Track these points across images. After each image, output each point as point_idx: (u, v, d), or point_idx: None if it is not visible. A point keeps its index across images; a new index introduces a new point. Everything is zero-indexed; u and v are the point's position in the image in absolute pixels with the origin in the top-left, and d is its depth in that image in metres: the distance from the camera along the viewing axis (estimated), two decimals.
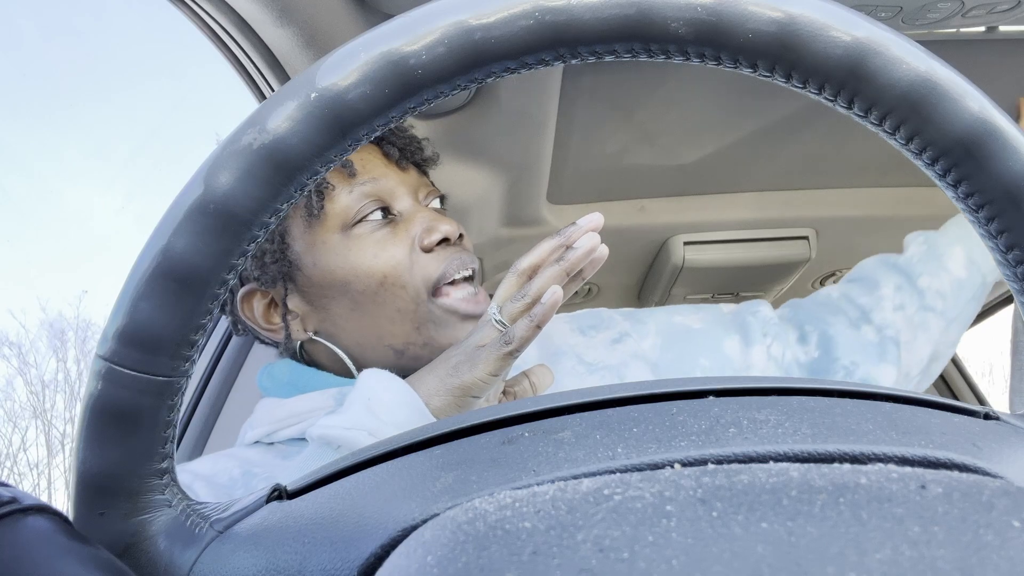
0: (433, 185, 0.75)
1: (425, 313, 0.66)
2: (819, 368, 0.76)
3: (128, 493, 0.30)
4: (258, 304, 0.70)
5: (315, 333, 0.69)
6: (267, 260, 0.68)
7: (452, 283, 0.67)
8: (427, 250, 0.67)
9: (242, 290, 0.70)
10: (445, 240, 0.68)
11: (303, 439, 0.64)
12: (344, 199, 0.68)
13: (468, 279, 0.69)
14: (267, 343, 0.73)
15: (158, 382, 0.29)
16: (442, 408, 0.57)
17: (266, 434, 0.66)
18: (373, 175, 0.69)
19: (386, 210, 0.69)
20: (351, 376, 0.69)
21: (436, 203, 0.74)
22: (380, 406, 0.56)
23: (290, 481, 0.32)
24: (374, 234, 0.67)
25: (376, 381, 0.58)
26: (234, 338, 1.09)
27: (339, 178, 0.69)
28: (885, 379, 0.76)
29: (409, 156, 0.73)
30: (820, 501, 0.20)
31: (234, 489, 0.61)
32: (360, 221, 0.67)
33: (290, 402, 0.66)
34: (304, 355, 0.72)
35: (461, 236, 0.70)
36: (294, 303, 0.69)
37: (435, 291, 0.67)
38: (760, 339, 0.78)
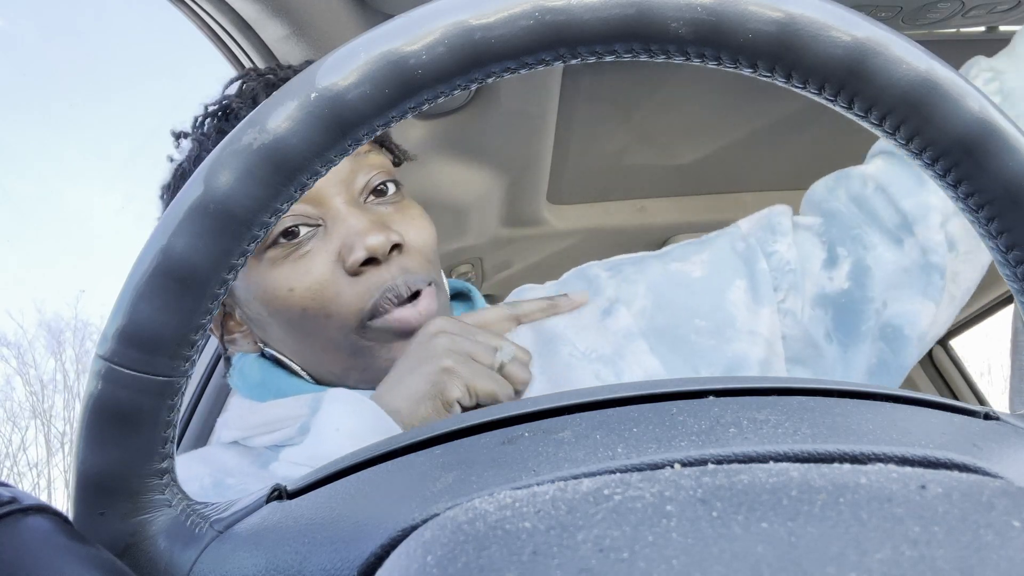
0: (390, 162, 0.62)
1: (354, 343, 0.58)
2: (847, 303, 0.64)
3: (128, 493, 0.30)
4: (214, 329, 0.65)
5: (265, 345, 0.63)
6: None
7: (389, 308, 0.57)
8: (353, 274, 0.56)
9: None
10: (374, 261, 0.56)
11: (282, 446, 0.59)
12: None
13: (408, 299, 0.58)
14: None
15: (158, 382, 0.29)
16: (428, 417, 0.52)
17: (242, 437, 0.61)
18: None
19: (308, 222, 0.57)
20: (322, 383, 0.63)
21: (389, 191, 0.60)
22: (349, 438, 0.50)
23: (290, 481, 0.32)
24: (289, 257, 0.57)
25: (343, 406, 0.53)
26: None
27: None
28: (923, 319, 0.63)
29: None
30: (820, 501, 0.20)
31: (204, 499, 0.58)
32: (272, 245, 0.57)
33: (263, 408, 0.60)
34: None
35: (397, 248, 0.57)
36: (239, 316, 0.63)
37: (367, 319, 0.57)
38: (770, 297, 0.64)
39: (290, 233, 0.57)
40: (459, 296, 0.73)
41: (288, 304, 0.57)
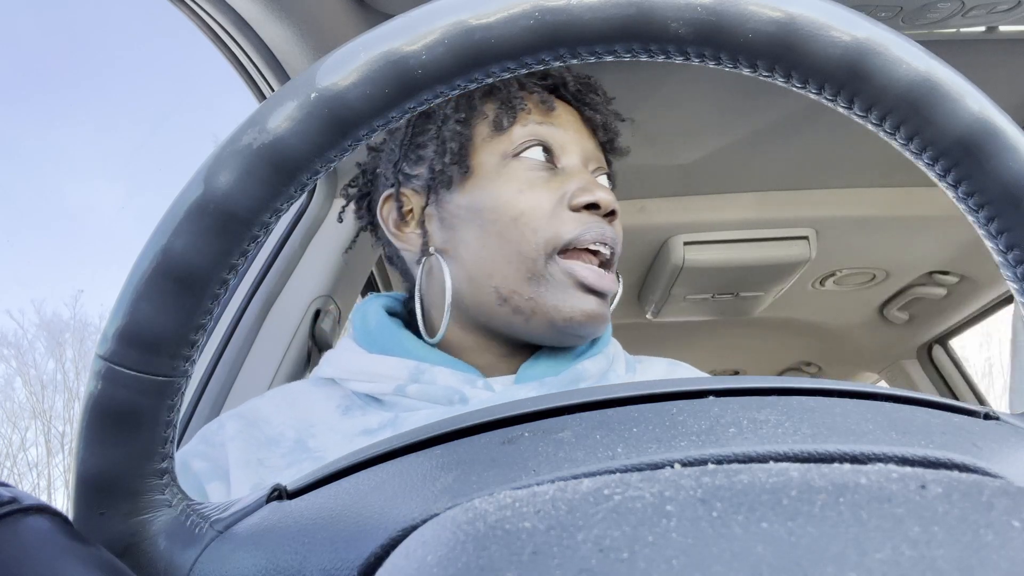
0: (608, 165, 0.74)
1: (542, 268, 0.62)
2: None
3: (128, 493, 0.30)
4: (390, 210, 0.70)
5: (438, 252, 0.67)
6: (435, 166, 0.67)
7: (582, 251, 0.64)
8: (574, 209, 0.64)
9: (387, 191, 0.70)
10: (595, 207, 0.65)
11: (373, 398, 0.63)
12: (520, 130, 0.66)
13: (601, 257, 0.65)
14: (388, 253, 0.74)
15: (158, 382, 0.29)
16: None
17: (340, 377, 0.65)
18: (559, 124, 0.68)
19: (549, 155, 0.67)
20: (432, 336, 0.67)
21: (604, 179, 0.72)
22: None
23: (291, 481, 0.32)
24: (528, 172, 0.65)
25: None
26: (234, 338, 1.09)
27: (536, 109, 0.68)
28: None
29: (605, 132, 0.72)
30: (820, 501, 0.20)
31: (276, 450, 0.60)
32: (520, 154, 0.66)
33: (368, 358, 0.65)
34: (417, 292, 0.70)
35: (614, 213, 0.66)
36: (429, 216, 0.68)
37: (562, 252, 0.63)
38: None
39: (541, 155, 0.67)
40: None
41: (508, 205, 0.64)
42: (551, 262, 0.63)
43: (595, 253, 0.64)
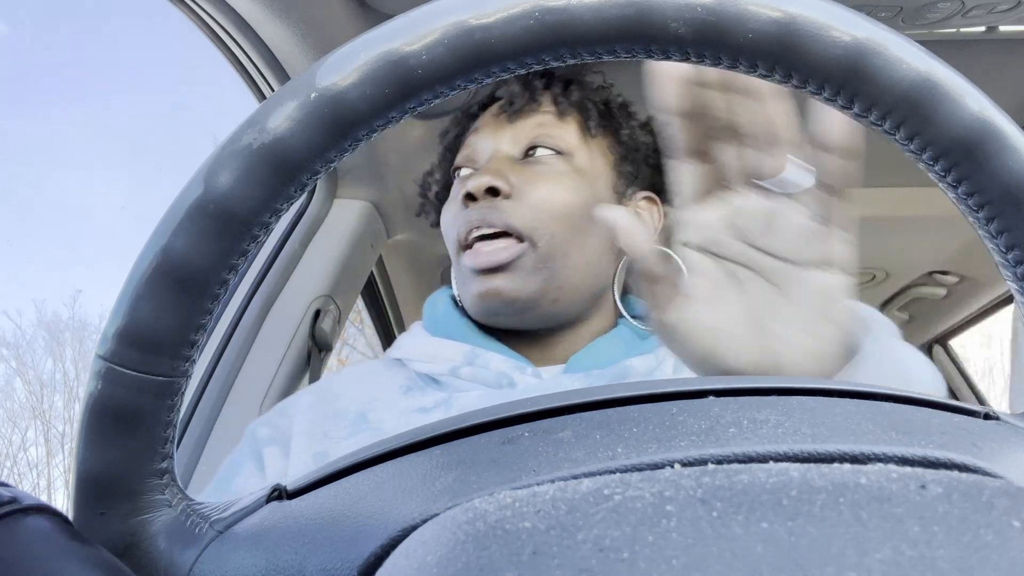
0: (559, 125, 0.71)
1: (458, 270, 0.69)
2: None
3: (128, 493, 0.30)
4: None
5: None
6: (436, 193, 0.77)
7: (474, 242, 0.67)
8: (465, 206, 0.68)
9: None
10: (471, 198, 0.66)
11: (432, 378, 0.67)
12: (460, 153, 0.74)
13: (485, 237, 0.66)
14: None
15: (158, 382, 0.29)
16: None
17: (405, 358, 0.70)
18: (482, 127, 0.72)
19: (473, 163, 0.72)
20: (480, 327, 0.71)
21: (537, 155, 0.69)
22: None
23: (290, 481, 0.32)
24: (456, 186, 0.72)
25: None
26: (234, 338, 1.09)
27: (480, 123, 0.72)
28: None
29: (520, 110, 0.71)
30: (820, 501, 0.20)
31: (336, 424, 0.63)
32: (458, 171, 0.73)
33: (430, 341, 0.70)
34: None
35: (493, 191, 0.66)
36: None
37: (460, 250, 0.68)
38: None
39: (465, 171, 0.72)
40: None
41: (442, 225, 0.71)
42: (458, 263, 0.68)
43: (490, 238, 0.66)
